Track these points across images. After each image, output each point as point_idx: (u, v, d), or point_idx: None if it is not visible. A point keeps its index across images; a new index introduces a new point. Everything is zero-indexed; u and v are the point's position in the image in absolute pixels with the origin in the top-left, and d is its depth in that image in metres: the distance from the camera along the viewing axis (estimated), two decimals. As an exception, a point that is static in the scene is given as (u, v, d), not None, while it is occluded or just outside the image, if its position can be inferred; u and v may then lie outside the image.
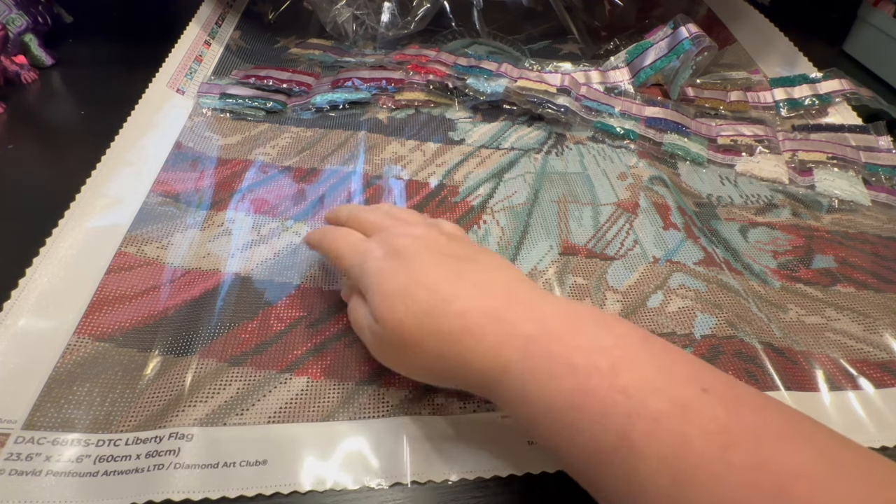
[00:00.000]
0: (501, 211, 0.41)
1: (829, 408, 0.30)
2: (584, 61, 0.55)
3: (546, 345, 0.22)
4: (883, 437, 0.28)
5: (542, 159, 0.46)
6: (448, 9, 0.60)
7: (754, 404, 0.20)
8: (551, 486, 0.26)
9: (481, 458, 0.27)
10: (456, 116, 0.50)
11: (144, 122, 0.45)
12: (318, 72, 0.55)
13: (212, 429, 0.27)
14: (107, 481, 0.25)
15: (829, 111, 0.52)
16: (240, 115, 0.48)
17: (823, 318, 0.35)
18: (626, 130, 0.48)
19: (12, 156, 0.44)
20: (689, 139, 0.48)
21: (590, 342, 0.22)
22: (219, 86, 0.50)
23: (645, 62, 0.52)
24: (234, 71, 0.54)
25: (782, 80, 0.55)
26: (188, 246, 0.36)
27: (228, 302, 0.33)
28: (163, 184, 0.41)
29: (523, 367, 0.22)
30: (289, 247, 0.37)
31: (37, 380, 0.29)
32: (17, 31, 0.51)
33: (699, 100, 0.53)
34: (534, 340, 0.22)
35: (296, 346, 0.31)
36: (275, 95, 0.50)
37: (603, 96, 0.51)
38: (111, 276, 0.34)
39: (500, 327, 0.23)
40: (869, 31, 0.59)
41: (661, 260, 0.37)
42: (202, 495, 0.25)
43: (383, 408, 0.29)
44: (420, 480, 0.26)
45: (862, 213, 0.42)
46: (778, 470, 0.17)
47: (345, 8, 0.55)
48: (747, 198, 0.43)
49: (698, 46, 0.51)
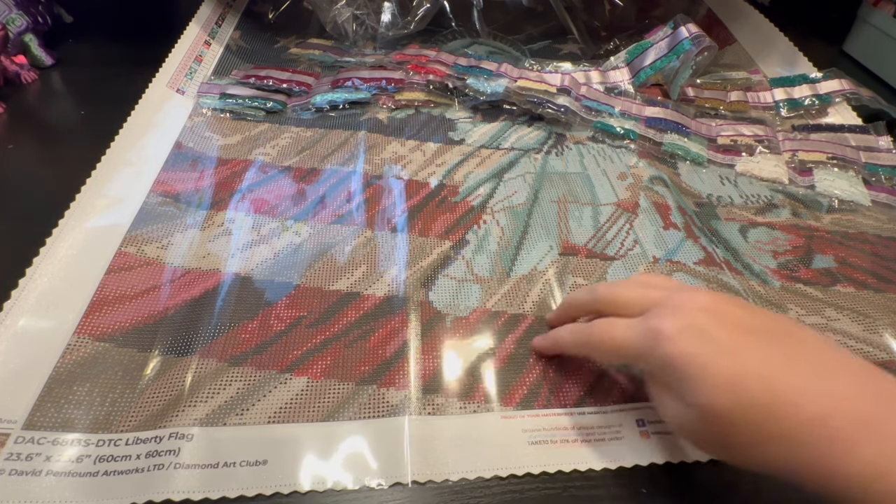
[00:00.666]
0: (501, 211, 0.41)
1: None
2: (584, 61, 0.55)
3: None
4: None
5: (542, 159, 0.46)
6: (448, 9, 0.60)
7: None
8: (551, 486, 0.26)
9: (481, 458, 0.27)
10: (456, 116, 0.50)
11: (144, 122, 0.45)
12: (318, 72, 0.55)
13: (212, 429, 0.27)
14: (107, 481, 0.25)
15: (829, 111, 0.52)
16: (240, 115, 0.48)
17: (823, 318, 0.35)
18: (626, 130, 0.48)
19: (12, 156, 0.44)
20: (689, 139, 0.48)
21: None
22: (219, 86, 0.50)
23: (645, 62, 0.52)
24: (234, 71, 0.54)
25: (782, 80, 0.55)
26: (188, 246, 0.36)
27: (228, 302, 0.33)
28: (163, 184, 0.41)
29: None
30: (289, 247, 0.37)
31: (37, 380, 0.29)
32: (17, 31, 0.51)
33: (699, 100, 0.53)
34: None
35: (296, 346, 0.31)
36: (275, 95, 0.50)
37: (603, 96, 0.51)
38: (111, 276, 0.34)
39: (876, 438, 0.20)
40: (869, 31, 0.59)
41: (662, 260, 0.37)
42: (202, 495, 0.25)
43: (383, 408, 0.29)
44: (420, 480, 0.26)
45: (862, 213, 0.42)
46: None
47: (345, 8, 0.55)
48: (747, 198, 0.43)
49: (698, 46, 0.51)
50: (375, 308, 0.34)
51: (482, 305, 0.34)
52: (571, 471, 0.27)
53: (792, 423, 0.20)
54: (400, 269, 0.36)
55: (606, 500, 0.26)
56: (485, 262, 0.37)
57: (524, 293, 0.35)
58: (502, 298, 0.35)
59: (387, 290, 0.35)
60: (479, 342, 0.32)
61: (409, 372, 0.30)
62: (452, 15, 0.61)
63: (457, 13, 0.61)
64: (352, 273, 0.36)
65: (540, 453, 0.27)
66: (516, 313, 0.34)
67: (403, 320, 0.33)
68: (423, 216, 0.40)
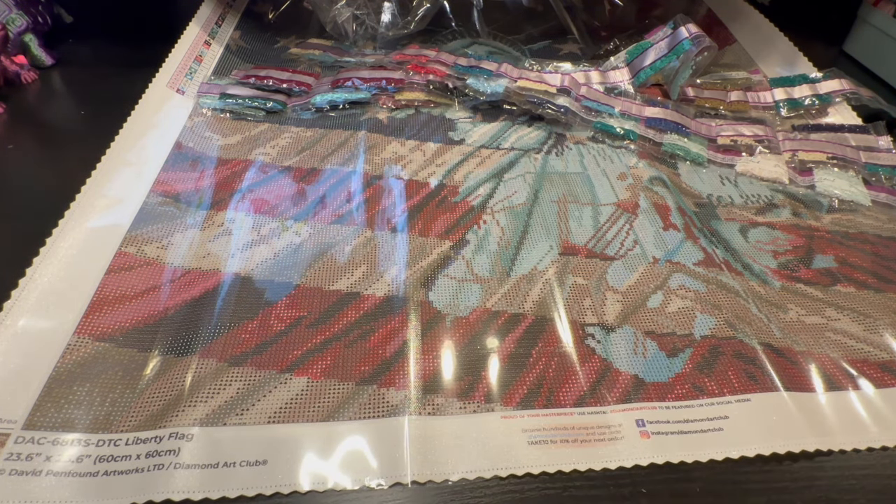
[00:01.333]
0: (501, 211, 0.41)
1: (829, 408, 0.30)
2: (584, 61, 0.55)
3: None
4: (883, 438, 0.28)
5: (542, 159, 0.46)
6: (448, 9, 0.60)
7: None
8: (551, 486, 0.26)
9: (481, 458, 0.27)
10: (456, 116, 0.50)
11: (144, 122, 0.45)
12: (318, 72, 0.55)
13: (212, 429, 0.27)
14: (107, 481, 0.25)
15: (830, 111, 0.52)
16: (240, 115, 0.48)
17: (824, 318, 0.35)
18: (626, 131, 0.48)
19: (12, 156, 0.44)
20: (688, 139, 0.48)
21: None
22: (219, 86, 0.50)
23: (645, 62, 0.52)
24: (234, 71, 0.54)
25: (782, 80, 0.55)
26: (188, 246, 0.36)
27: (228, 302, 0.33)
28: (163, 184, 0.41)
29: None
30: (289, 247, 0.37)
31: (37, 380, 0.29)
32: (17, 31, 0.51)
33: (699, 100, 0.53)
34: None
35: (296, 346, 0.31)
36: (275, 95, 0.50)
37: (603, 96, 0.51)
38: (111, 276, 0.34)
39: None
40: (869, 31, 0.59)
41: (661, 260, 0.37)
42: (202, 495, 0.25)
43: (383, 408, 0.29)
44: (420, 480, 0.26)
45: (862, 213, 0.42)
46: None
47: (345, 8, 0.55)
48: (747, 198, 0.43)
49: (698, 46, 0.51)
50: (375, 308, 0.34)
51: (482, 305, 0.34)
52: (571, 471, 0.27)
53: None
54: (400, 269, 0.36)
55: (606, 500, 0.26)
56: (485, 262, 0.37)
57: (524, 293, 0.35)
58: (502, 298, 0.35)
59: (387, 290, 0.35)
60: (479, 342, 0.32)
61: (409, 372, 0.30)
62: (452, 15, 0.61)
63: (457, 13, 0.61)
64: (352, 273, 0.36)
65: (540, 453, 0.27)
66: (516, 313, 0.34)
67: (403, 320, 0.33)
68: (423, 216, 0.40)
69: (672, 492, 0.26)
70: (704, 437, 0.28)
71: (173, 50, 0.52)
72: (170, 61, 0.51)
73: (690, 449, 0.28)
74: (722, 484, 0.27)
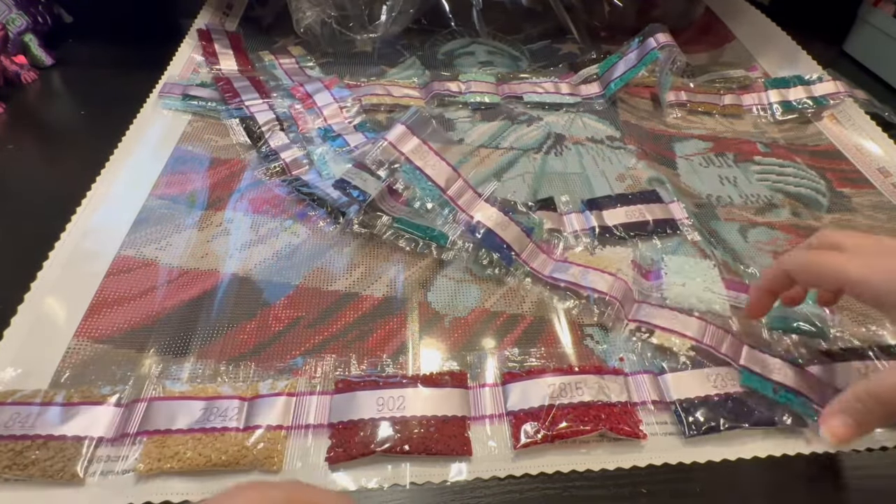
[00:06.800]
0: (501, 211, 0.41)
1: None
2: (554, 75, 0.54)
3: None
4: (883, 437, 0.28)
5: (541, 159, 0.46)
6: (448, 9, 0.60)
7: None
8: (551, 486, 0.26)
9: (480, 458, 0.27)
10: (455, 116, 0.50)
11: (144, 124, 0.46)
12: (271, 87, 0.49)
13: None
14: (107, 481, 0.25)
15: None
16: (202, 116, 0.47)
17: (823, 318, 0.34)
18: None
19: (12, 156, 0.44)
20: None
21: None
22: (180, 86, 0.49)
23: (614, 74, 0.51)
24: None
25: (777, 81, 0.54)
26: (187, 246, 0.36)
27: (227, 302, 0.33)
28: (162, 186, 0.41)
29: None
30: (287, 247, 0.37)
31: (38, 382, 0.29)
32: (17, 31, 0.51)
33: (692, 104, 0.52)
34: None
35: (294, 346, 0.31)
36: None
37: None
38: (111, 279, 0.34)
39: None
40: (869, 31, 0.59)
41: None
42: (201, 495, 0.25)
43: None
44: (418, 481, 0.26)
45: (861, 213, 0.42)
46: None
47: (310, 10, 0.53)
48: (747, 197, 0.43)
49: (669, 56, 0.50)
50: (374, 308, 0.34)
51: (481, 305, 0.34)
52: (571, 471, 0.27)
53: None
54: (399, 270, 0.36)
55: (606, 500, 0.26)
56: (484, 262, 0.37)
57: (523, 293, 0.35)
58: (501, 298, 0.35)
59: (385, 290, 0.35)
60: (478, 342, 0.32)
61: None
62: (452, 15, 0.60)
63: (456, 13, 0.61)
64: (350, 273, 0.35)
65: (538, 455, 0.27)
66: (515, 313, 0.34)
67: (402, 321, 0.33)
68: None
69: (672, 492, 0.26)
70: (704, 437, 0.28)
71: (175, 56, 0.53)
72: (172, 67, 0.52)
73: (690, 449, 0.28)
74: (722, 483, 0.27)
